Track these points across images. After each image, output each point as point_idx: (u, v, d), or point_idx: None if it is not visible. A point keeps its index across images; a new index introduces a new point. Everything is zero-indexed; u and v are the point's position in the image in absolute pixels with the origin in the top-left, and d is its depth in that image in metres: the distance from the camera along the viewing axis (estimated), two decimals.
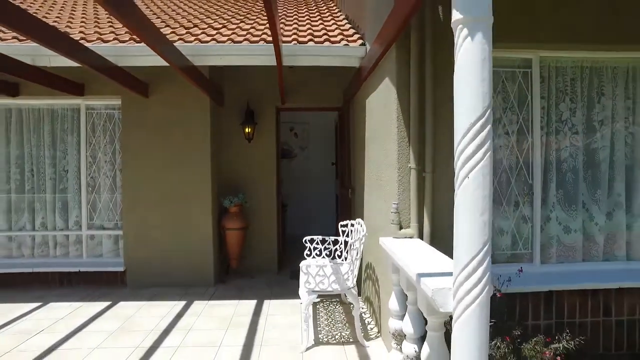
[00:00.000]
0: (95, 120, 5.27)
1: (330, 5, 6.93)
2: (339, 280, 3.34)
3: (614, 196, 3.38)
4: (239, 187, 5.65)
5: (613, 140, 3.36)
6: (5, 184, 5.22)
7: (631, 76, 3.33)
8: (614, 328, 3.19)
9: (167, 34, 4.55)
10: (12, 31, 3.29)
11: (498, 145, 3.25)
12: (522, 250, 3.31)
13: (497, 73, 3.24)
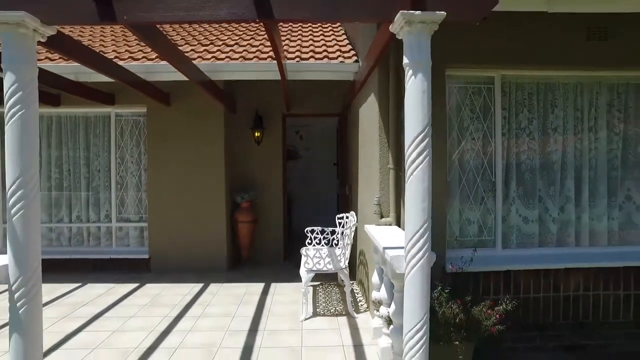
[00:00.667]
0: (123, 126, 6.00)
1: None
2: (333, 261, 4.00)
3: (565, 192, 3.99)
4: (249, 185, 6.34)
5: (564, 145, 3.98)
6: (46, 181, 5.98)
7: (579, 91, 3.95)
8: (561, 302, 3.81)
9: (187, 51, 5.25)
10: (63, 56, 4.01)
11: (465, 148, 3.88)
12: (486, 237, 3.94)
13: (465, 88, 3.88)
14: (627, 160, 4.02)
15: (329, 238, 4.84)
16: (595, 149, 4.02)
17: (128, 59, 4.97)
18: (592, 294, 3.83)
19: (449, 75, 3.74)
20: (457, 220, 3.90)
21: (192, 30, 6.59)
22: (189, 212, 5.79)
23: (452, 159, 3.86)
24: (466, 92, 3.88)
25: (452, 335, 2.92)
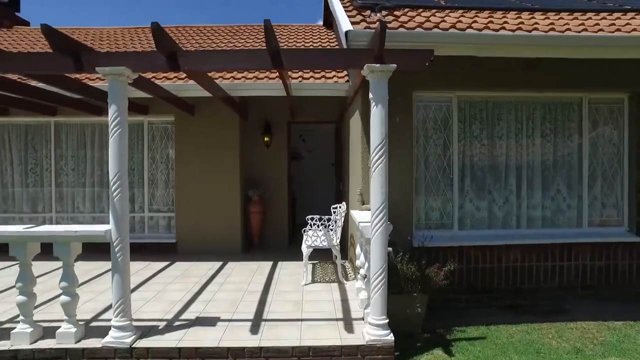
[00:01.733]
0: (154, 132, 7.16)
1: (332, 39, 8.71)
2: (327, 239, 5.14)
3: (509, 187, 5.12)
4: (259, 182, 7.49)
5: (507, 150, 5.11)
6: (90, 178, 7.15)
7: (519, 108, 5.08)
8: (503, 271, 4.94)
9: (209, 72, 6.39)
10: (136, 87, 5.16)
11: (429, 152, 5.02)
12: (446, 221, 5.08)
13: (429, 106, 5.01)
14: (556, 162, 5.16)
15: (325, 224, 5.97)
16: (532, 152, 5.15)
17: (162, 79, 6.13)
18: (527, 265, 4.96)
19: (416, 96, 4.88)
20: (423, 208, 5.04)
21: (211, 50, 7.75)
22: (210, 204, 6.93)
23: (420, 162, 5.00)
24: (430, 108, 5.02)
25: (411, 288, 4.04)
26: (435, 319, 4.34)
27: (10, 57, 3.58)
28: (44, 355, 3.31)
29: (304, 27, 10.10)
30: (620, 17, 4.75)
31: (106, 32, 9.80)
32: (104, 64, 3.25)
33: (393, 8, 4.74)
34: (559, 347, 3.83)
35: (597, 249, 5.00)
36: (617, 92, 5.07)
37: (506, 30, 4.18)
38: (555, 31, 4.20)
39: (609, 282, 5.00)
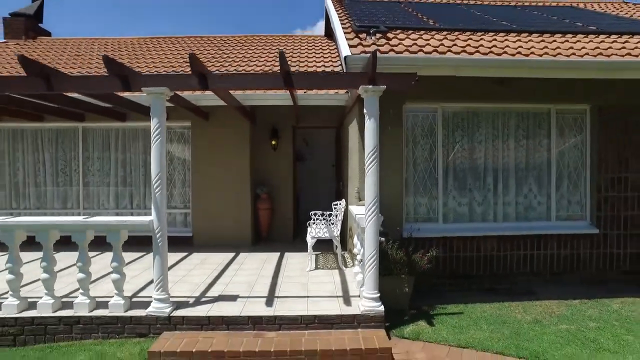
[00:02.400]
0: (172, 136, 7.93)
1: (332, 49, 9.47)
2: (329, 231, 5.91)
3: (487, 186, 5.88)
4: (267, 181, 8.26)
5: (485, 153, 5.87)
6: (114, 178, 7.92)
7: (495, 117, 5.84)
8: (481, 259, 5.69)
9: None
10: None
11: (417, 155, 5.78)
12: (432, 215, 5.84)
13: (417, 116, 5.78)
14: (528, 165, 5.92)
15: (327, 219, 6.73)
16: (507, 156, 5.92)
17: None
18: (502, 253, 5.72)
19: (406, 107, 5.65)
20: (412, 204, 5.81)
21: (223, 61, 8.51)
22: (223, 201, 7.70)
23: (409, 164, 5.76)
24: (418, 118, 5.78)
25: (399, 270, 4.80)
26: (422, 300, 5.10)
27: (70, 79, 4.34)
28: (100, 321, 4.08)
29: (307, 38, 10.87)
30: (579, 40, 5.53)
31: (123, 42, 10.57)
32: (149, 84, 4.02)
33: (386, 31, 5.51)
34: (522, 319, 4.60)
35: (563, 239, 5.76)
36: (581, 104, 5.84)
37: (480, 54, 4.95)
38: (521, 54, 4.98)
39: (573, 268, 5.77)
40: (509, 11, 8.44)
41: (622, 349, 3.87)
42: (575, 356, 3.74)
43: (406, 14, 7.56)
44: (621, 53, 5.18)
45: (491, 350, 3.90)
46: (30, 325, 4.08)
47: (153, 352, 3.67)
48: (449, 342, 4.07)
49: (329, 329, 4.10)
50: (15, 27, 10.68)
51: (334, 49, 9.45)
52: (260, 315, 4.13)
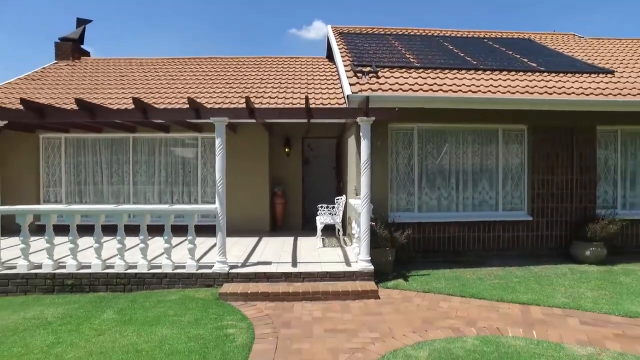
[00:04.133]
0: (205, 145, 9.87)
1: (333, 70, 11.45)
2: (333, 218, 7.90)
3: (450, 185, 7.90)
4: (281, 181, 10.23)
5: (450, 161, 7.88)
6: (157, 178, 9.85)
7: (458, 133, 7.86)
8: (446, 239, 7.71)
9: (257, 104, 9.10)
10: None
11: (399, 162, 7.78)
12: (410, 206, 7.84)
13: (399, 133, 7.77)
14: (482, 169, 7.94)
15: (331, 210, 8.72)
16: (466, 162, 7.94)
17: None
18: (462, 235, 7.73)
19: (391, 127, 7.64)
20: (395, 198, 7.81)
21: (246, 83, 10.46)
22: (247, 197, 9.64)
23: (393, 169, 7.77)
24: (400, 134, 7.79)
25: (384, 244, 6.78)
26: (401, 267, 7.09)
27: (158, 111, 6.29)
28: (180, 276, 6.04)
29: (312, 60, 12.86)
30: (519, 77, 7.57)
31: (159, 61, 12.49)
32: (215, 115, 5.99)
33: (377, 70, 7.51)
34: (469, 277, 6.61)
35: (507, 225, 7.79)
36: (520, 124, 7.87)
37: (442, 92, 6.98)
38: (471, 92, 7.00)
39: (513, 246, 7.80)
40: (475, 45, 10.48)
41: (528, 291, 5.89)
42: (498, 294, 5.74)
43: (392, 48, 9.58)
44: (542, 91, 7.23)
45: (444, 293, 5.90)
46: (134, 278, 6.03)
47: (222, 293, 5.64)
48: (417, 290, 6.06)
49: (336, 281, 6.09)
50: (64, 50, 12.57)
51: (335, 71, 11.44)
52: (289, 272, 6.11)
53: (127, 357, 3.96)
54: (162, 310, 5.24)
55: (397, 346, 4.18)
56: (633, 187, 8.27)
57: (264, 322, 4.83)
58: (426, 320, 4.90)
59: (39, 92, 10.06)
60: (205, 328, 4.65)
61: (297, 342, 4.30)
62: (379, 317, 5.02)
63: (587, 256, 7.35)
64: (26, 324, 4.88)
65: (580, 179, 7.90)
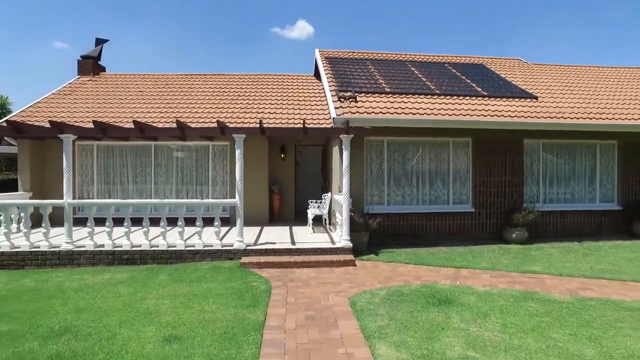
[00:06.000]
0: (215, 151, 11.93)
1: (320, 87, 13.63)
2: (321, 210, 10.11)
3: (412, 184, 10.19)
4: (278, 181, 12.37)
5: (412, 165, 10.17)
6: (175, 179, 11.87)
7: (418, 144, 10.15)
8: (409, 226, 9.99)
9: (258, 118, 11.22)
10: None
11: (372, 167, 10.02)
12: (381, 200, 10.09)
13: (373, 144, 10.02)
14: (437, 171, 10.26)
15: (318, 204, 10.90)
16: (425, 167, 10.23)
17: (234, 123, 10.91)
18: (421, 223, 10.02)
19: (366, 139, 9.88)
20: (370, 194, 10.05)
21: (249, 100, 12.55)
22: (249, 194, 11.72)
23: (367, 171, 10.01)
24: (373, 145, 10.03)
25: (360, 229, 9.00)
26: (373, 247, 9.31)
27: (193, 129, 8.37)
28: (209, 252, 8.14)
29: (300, 77, 15.03)
30: (466, 102, 9.91)
31: (167, 77, 14.47)
32: (236, 133, 8.11)
33: (355, 96, 9.74)
34: (424, 253, 8.88)
35: (456, 215, 10.11)
36: (466, 138, 10.20)
37: (404, 114, 9.24)
38: (426, 115, 9.29)
39: (460, 232, 10.13)
40: (437, 70, 12.82)
41: (463, 260, 8.18)
42: (441, 262, 8.00)
43: (369, 74, 11.83)
44: (483, 113, 9.58)
45: (403, 262, 8.15)
46: (174, 254, 8.11)
47: (242, 263, 7.78)
48: (384, 261, 8.29)
49: (324, 254, 8.27)
50: (86, 67, 14.44)
51: (321, 89, 13.64)
52: (290, 248, 8.28)
53: (188, 298, 6.05)
54: (200, 274, 7.35)
55: (366, 289, 6.39)
56: (551, 187, 10.72)
57: (276, 279, 7.00)
58: (387, 277, 7.14)
59: (75, 106, 11.96)
60: (235, 282, 6.78)
61: (300, 289, 6.47)
62: (355, 276, 7.24)
63: (514, 238, 9.73)
64: (107, 282, 6.93)
65: (511, 179, 10.29)
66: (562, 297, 5.85)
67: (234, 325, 4.88)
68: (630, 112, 10.67)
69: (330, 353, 4.11)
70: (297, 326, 4.85)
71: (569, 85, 12.55)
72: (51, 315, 5.35)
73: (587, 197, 10.93)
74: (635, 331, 4.56)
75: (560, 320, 4.90)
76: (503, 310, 5.27)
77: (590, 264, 7.86)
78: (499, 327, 4.71)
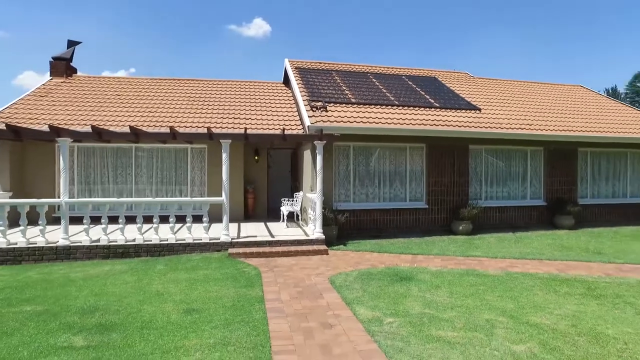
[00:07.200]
0: (194, 154, 12.78)
1: (289, 94, 14.78)
2: (293, 206, 11.30)
3: (375, 183, 11.60)
4: (252, 181, 13.40)
5: (374, 167, 11.58)
6: (155, 179, 12.60)
7: (379, 149, 11.58)
8: (372, 220, 11.39)
9: (236, 123, 12.20)
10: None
11: (340, 169, 11.34)
12: (347, 198, 11.43)
13: (341, 148, 11.33)
14: (396, 172, 11.74)
15: (291, 202, 12.06)
16: (385, 168, 11.69)
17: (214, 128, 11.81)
18: (382, 218, 11.45)
19: (335, 144, 11.18)
20: (338, 193, 11.37)
21: (234, 109, 13.46)
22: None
23: (335, 172, 11.31)
24: (341, 149, 11.34)
25: (330, 223, 10.28)
26: (342, 239, 10.62)
27: (184, 134, 9.27)
28: (198, 244, 9.10)
29: (270, 84, 16.12)
30: (420, 112, 11.45)
31: (146, 81, 15.06)
32: (223, 138, 9.12)
33: (326, 106, 11.00)
34: (386, 244, 10.29)
35: (412, 211, 11.63)
36: (421, 144, 11.75)
37: (363, 123, 10.61)
38: (387, 124, 10.72)
39: (416, 225, 11.67)
40: (395, 82, 14.36)
41: (419, 249, 9.67)
42: (401, 250, 9.43)
43: (336, 85, 13.15)
44: (435, 123, 11.14)
45: (369, 251, 9.50)
46: (166, 247, 9.00)
47: (231, 253, 8.82)
48: (352, 250, 9.61)
49: (301, 245, 9.46)
50: (59, 68, 14.74)
51: (291, 96, 14.81)
52: (270, 240, 9.41)
53: (190, 282, 7.05)
54: (194, 263, 8.32)
55: (341, 271, 7.66)
56: (492, 186, 12.53)
57: (263, 266, 8.12)
58: (357, 262, 8.45)
59: (54, 109, 12.38)
60: (228, 269, 7.84)
61: (285, 273, 7.64)
62: (329, 262, 8.50)
63: (460, 230, 11.39)
64: (109, 272, 7.75)
65: (458, 180, 11.97)
66: (495, 272, 7.42)
67: (238, 299, 5.98)
68: (554, 124, 12.70)
69: (321, 314, 5.34)
70: (291, 298, 6.03)
71: (506, 99, 14.52)
72: (73, 299, 6.19)
73: (520, 195, 12.85)
74: (541, 292, 6.15)
75: (492, 288, 6.41)
76: (450, 283, 6.73)
77: (519, 248, 9.60)
78: (447, 294, 6.14)
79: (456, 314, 5.31)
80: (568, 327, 4.84)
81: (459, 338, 4.51)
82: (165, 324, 5.08)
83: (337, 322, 5.04)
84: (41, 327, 5.02)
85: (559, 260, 8.50)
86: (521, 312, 5.33)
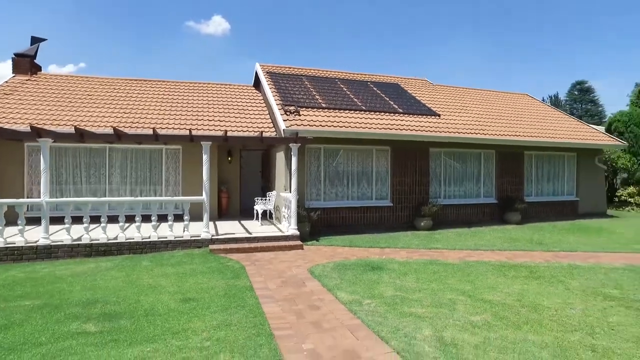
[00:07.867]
0: (169, 154, 13.06)
1: (259, 96, 15.33)
2: (266, 205, 11.91)
3: (344, 183, 12.42)
4: (225, 181, 13.85)
5: (344, 168, 12.40)
6: (129, 180, 12.78)
7: (348, 151, 12.40)
8: (341, 218, 12.20)
9: (211, 125, 12.60)
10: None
11: (311, 170, 12.06)
12: (318, 197, 12.17)
13: (312, 150, 12.05)
14: (363, 173, 12.63)
15: (264, 200, 12.64)
16: (353, 169, 12.53)
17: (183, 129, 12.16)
18: (351, 215, 12.29)
19: (308, 147, 11.89)
20: (309, 192, 12.09)
21: (214, 111, 13.80)
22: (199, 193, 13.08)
23: (307, 173, 12.02)
24: (312, 150, 12.07)
25: (304, 220, 10.98)
26: (315, 235, 11.34)
27: (166, 137, 9.63)
28: (180, 241, 9.52)
29: (241, 87, 16.59)
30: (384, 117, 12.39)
31: (116, 81, 15.08)
32: (204, 140, 9.59)
33: (299, 110, 11.69)
34: (355, 239, 11.13)
35: (378, 209, 12.55)
36: (386, 146, 12.69)
37: (333, 127, 11.41)
38: (356, 128, 11.57)
39: (381, 222, 12.59)
40: (362, 88, 15.27)
41: (385, 243, 10.57)
42: (369, 245, 10.28)
43: (307, 90, 13.86)
44: (399, 127, 12.11)
45: (340, 245, 10.29)
46: (149, 244, 9.35)
47: (212, 249, 9.32)
48: (324, 244, 10.36)
49: (277, 241, 10.10)
50: (22, 65, 14.50)
51: (261, 98, 15.38)
52: (248, 237, 9.99)
53: (179, 276, 7.53)
54: (178, 259, 8.76)
55: (318, 263, 8.38)
56: (450, 185, 13.71)
57: (244, 260, 8.70)
58: (331, 255, 9.20)
59: (23, 107, 12.27)
60: (212, 264, 8.36)
61: (266, 266, 8.27)
62: (305, 256, 9.20)
63: (422, 226, 12.43)
64: (95, 269, 8.05)
65: (420, 180, 13.03)
66: (454, 261, 8.42)
67: (229, 289, 6.57)
68: (503, 129, 14.08)
69: (307, 299, 6.04)
70: (277, 287, 6.69)
71: (463, 105, 15.82)
72: (68, 293, 6.52)
73: (475, 193, 14.12)
74: (493, 276, 7.19)
75: (452, 274, 7.37)
76: (416, 271, 7.63)
77: (474, 241, 10.73)
78: (414, 280, 7.02)
79: (423, 295, 6.18)
80: (514, 301, 5.83)
81: (427, 313, 5.36)
82: (167, 311, 5.60)
83: (322, 305, 5.76)
84: (48, 318, 5.39)
85: (508, 250, 9.67)
86: (477, 292, 6.28)
